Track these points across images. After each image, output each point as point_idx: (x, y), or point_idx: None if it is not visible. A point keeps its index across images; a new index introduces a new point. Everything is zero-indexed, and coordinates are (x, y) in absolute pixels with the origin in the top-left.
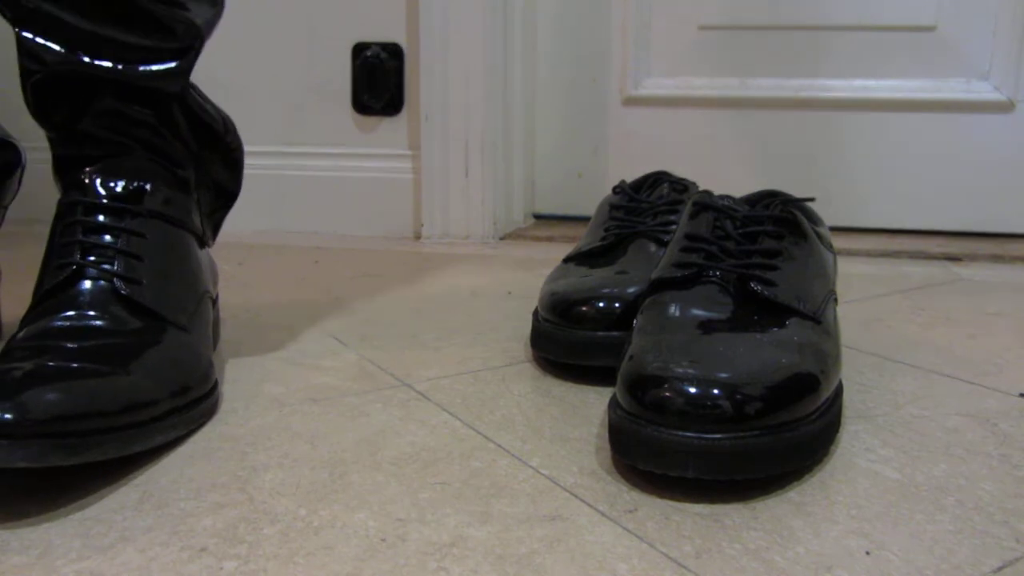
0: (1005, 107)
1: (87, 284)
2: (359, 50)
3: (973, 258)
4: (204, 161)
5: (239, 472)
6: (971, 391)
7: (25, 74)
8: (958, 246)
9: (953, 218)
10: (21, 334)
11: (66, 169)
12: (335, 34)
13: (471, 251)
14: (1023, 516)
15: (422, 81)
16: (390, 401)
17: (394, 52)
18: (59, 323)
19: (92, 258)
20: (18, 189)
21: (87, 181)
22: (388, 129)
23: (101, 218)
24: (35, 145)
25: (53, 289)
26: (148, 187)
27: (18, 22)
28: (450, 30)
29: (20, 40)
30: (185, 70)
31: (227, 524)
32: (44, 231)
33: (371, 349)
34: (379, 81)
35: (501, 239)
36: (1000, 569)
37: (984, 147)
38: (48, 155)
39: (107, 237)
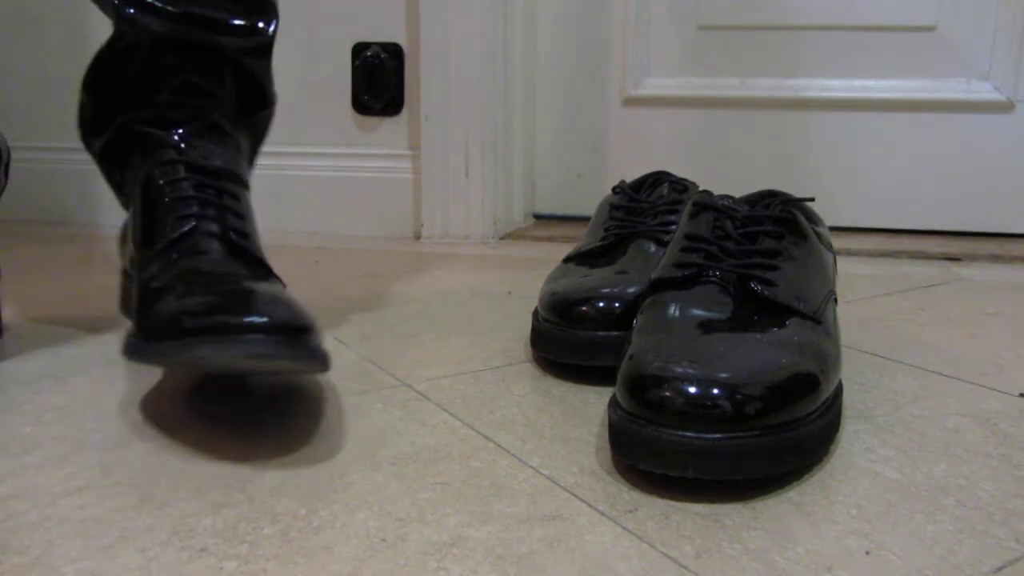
0: (1005, 107)
1: (209, 235)
2: (359, 50)
3: (973, 258)
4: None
5: (239, 472)
6: (971, 391)
7: (116, 39)
8: (958, 246)
9: (953, 218)
10: (158, 276)
11: (145, 128)
12: (335, 34)
13: (471, 251)
14: (1023, 516)
15: (422, 81)
16: (390, 401)
17: (394, 52)
18: (201, 266)
19: (209, 212)
20: (5, 184)
21: (181, 141)
22: (388, 129)
23: (204, 177)
24: (33, 146)
25: (178, 239)
26: (232, 153)
27: None
28: (450, 30)
29: (119, 12)
30: (272, 43)
31: (227, 524)
32: (43, 231)
33: (371, 349)
34: (379, 81)
35: (501, 239)
36: (1000, 569)
37: (984, 147)
38: (46, 157)
39: (213, 194)
